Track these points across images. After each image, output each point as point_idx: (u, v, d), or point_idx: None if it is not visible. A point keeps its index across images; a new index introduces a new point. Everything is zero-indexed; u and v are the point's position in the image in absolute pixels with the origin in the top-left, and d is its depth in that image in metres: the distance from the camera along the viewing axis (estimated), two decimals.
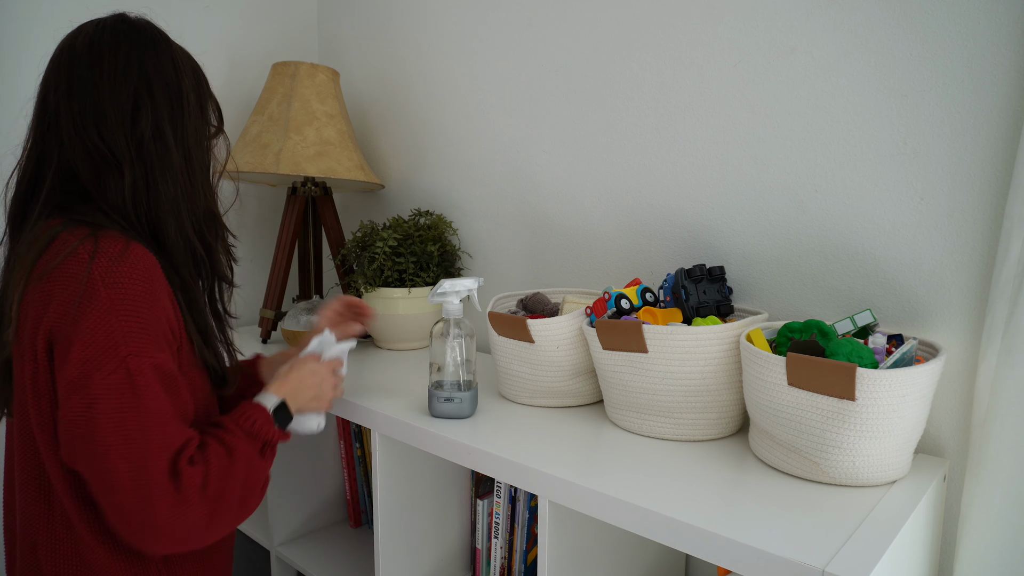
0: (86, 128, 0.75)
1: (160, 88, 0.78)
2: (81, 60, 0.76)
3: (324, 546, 1.36)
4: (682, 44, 1.10)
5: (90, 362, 0.68)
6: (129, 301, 0.71)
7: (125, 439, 0.69)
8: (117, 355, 0.69)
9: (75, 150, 0.76)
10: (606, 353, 0.94)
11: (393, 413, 1.01)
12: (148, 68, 0.78)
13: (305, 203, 1.55)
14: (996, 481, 0.80)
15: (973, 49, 0.84)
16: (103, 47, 0.77)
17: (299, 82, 1.45)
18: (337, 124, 1.48)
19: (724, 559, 0.66)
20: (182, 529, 0.71)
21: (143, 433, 0.69)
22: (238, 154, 1.43)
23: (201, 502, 0.72)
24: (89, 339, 0.69)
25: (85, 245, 0.72)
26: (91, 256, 0.71)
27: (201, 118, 0.84)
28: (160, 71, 0.79)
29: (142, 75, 0.77)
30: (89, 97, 0.76)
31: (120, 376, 0.69)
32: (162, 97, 0.79)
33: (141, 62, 0.78)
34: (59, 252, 0.72)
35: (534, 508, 1.11)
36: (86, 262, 0.70)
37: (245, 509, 0.78)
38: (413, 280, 1.35)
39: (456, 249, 1.47)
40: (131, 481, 0.68)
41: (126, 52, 0.77)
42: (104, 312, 0.69)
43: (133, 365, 0.70)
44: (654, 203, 1.17)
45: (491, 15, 1.38)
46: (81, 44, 0.77)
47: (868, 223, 0.94)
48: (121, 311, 0.70)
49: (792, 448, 0.79)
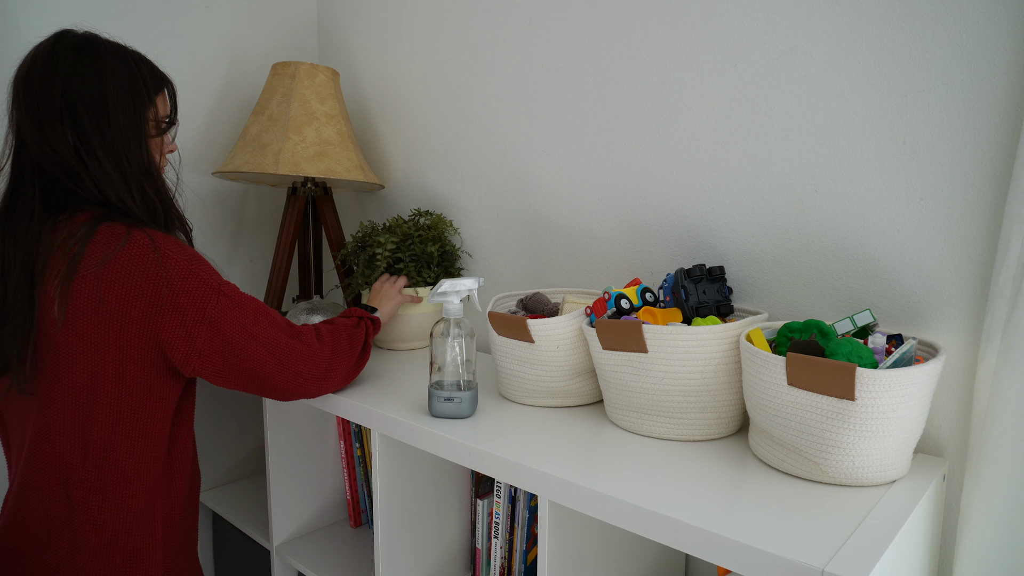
0: (38, 142, 0.88)
1: (83, 103, 0.89)
2: (23, 83, 0.89)
3: (324, 546, 1.36)
4: (682, 44, 1.10)
5: (199, 303, 0.90)
6: (194, 258, 0.92)
7: (249, 334, 0.94)
8: (212, 289, 0.91)
9: (44, 161, 0.89)
10: (606, 353, 0.94)
11: (393, 413, 1.01)
12: (72, 88, 0.89)
13: (305, 203, 1.55)
14: (996, 481, 0.80)
15: (973, 49, 0.84)
16: (35, 70, 0.89)
17: (299, 82, 1.45)
18: (337, 124, 1.48)
19: (724, 559, 0.66)
20: (318, 367, 1.01)
21: (258, 324, 0.95)
22: (238, 154, 1.43)
23: (322, 346, 1.02)
24: (187, 290, 0.89)
25: (136, 233, 0.89)
26: (151, 239, 0.89)
27: (133, 124, 0.93)
28: (84, 87, 0.89)
29: (66, 97, 0.88)
30: (31, 116, 0.88)
31: (224, 300, 0.92)
32: (84, 111, 0.89)
33: (66, 83, 0.88)
34: (111, 243, 0.88)
35: (534, 508, 1.11)
36: (150, 244, 0.89)
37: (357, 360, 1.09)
38: (415, 281, 1.35)
39: (456, 249, 1.47)
40: (269, 355, 0.96)
41: (52, 74, 0.88)
42: (186, 269, 0.90)
43: (227, 290, 0.93)
44: (654, 203, 1.17)
45: (491, 15, 1.38)
46: (23, 70, 0.90)
47: (868, 223, 0.94)
48: (195, 265, 0.91)
49: (792, 448, 0.79)
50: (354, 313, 1.14)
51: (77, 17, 1.40)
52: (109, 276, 0.87)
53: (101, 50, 0.91)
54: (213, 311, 0.91)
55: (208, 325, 0.91)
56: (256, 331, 0.94)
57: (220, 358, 0.93)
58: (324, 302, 1.39)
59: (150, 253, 0.88)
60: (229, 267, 1.71)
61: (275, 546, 1.36)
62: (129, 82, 0.92)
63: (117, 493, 0.92)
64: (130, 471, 0.93)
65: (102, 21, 1.43)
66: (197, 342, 0.91)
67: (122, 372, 0.90)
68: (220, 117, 1.64)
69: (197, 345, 0.91)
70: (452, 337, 0.99)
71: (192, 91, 1.58)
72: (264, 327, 0.96)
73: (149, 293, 0.88)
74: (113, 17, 1.45)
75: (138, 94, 0.93)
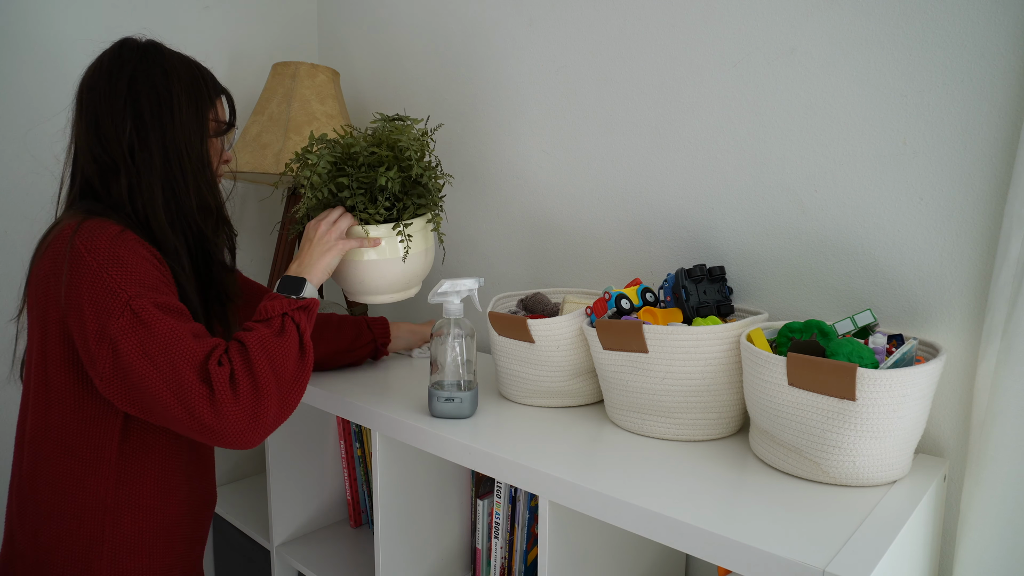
0: (90, 141, 0.88)
1: (147, 100, 0.88)
2: (86, 85, 0.90)
3: (324, 546, 1.36)
4: (682, 44, 1.10)
5: (101, 314, 0.78)
6: (113, 260, 0.80)
7: (153, 365, 0.78)
8: (119, 301, 0.78)
9: (86, 160, 0.89)
10: (606, 353, 0.94)
11: (393, 413, 1.01)
12: (137, 83, 0.88)
13: None
14: (996, 481, 0.80)
15: (973, 49, 0.84)
16: (101, 72, 0.89)
17: (299, 82, 1.45)
18: (337, 124, 1.48)
19: (724, 559, 0.66)
20: (232, 423, 0.79)
21: (166, 355, 0.78)
22: (238, 154, 1.43)
23: (235, 395, 0.79)
24: (92, 297, 0.79)
25: (70, 223, 0.83)
26: (73, 231, 0.81)
27: (196, 121, 0.92)
28: (149, 83, 0.89)
29: (131, 91, 0.88)
30: (91, 115, 0.88)
31: (128, 317, 0.78)
32: (148, 108, 0.88)
33: (131, 79, 0.88)
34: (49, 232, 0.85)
35: (534, 508, 1.11)
36: (69, 234, 0.81)
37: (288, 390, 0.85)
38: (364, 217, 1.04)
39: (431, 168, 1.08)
40: (174, 396, 0.77)
41: (117, 72, 0.89)
42: (95, 272, 0.79)
43: (136, 305, 0.79)
44: (654, 203, 1.17)
45: (491, 15, 1.38)
46: (88, 72, 0.91)
47: (868, 223, 0.94)
48: (109, 268, 0.80)
49: (792, 448, 0.79)
50: (273, 310, 0.88)
51: (74, 16, 1.40)
52: (35, 274, 0.85)
53: (166, 52, 0.92)
54: (114, 328, 0.77)
55: (108, 344, 0.77)
56: (161, 362, 0.77)
57: (120, 384, 0.78)
58: (324, 302, 1.39)
59: (62, 246, 0.80)
60: None
61: (275, 546, 1.36)
62: (192, 82, 0.92)
63: (50, 508, 0.86)
64: (63, 491, 0.86)
65: (100, 21, 1.43)
66: (98, 362, 0.78)
67: (46, 380, 0.84)
68: None
69: (98, 366, 0.79)
70: (452, 337, 0.99)
71: None
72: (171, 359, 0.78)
73: (60, 293, 0.80)
74: (113, 17, 1.45)
75: (200, 94, 0.93)
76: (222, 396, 0.78)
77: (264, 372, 0.81)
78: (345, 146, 1.06)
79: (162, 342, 0.78)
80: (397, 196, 1.05)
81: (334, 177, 1.04)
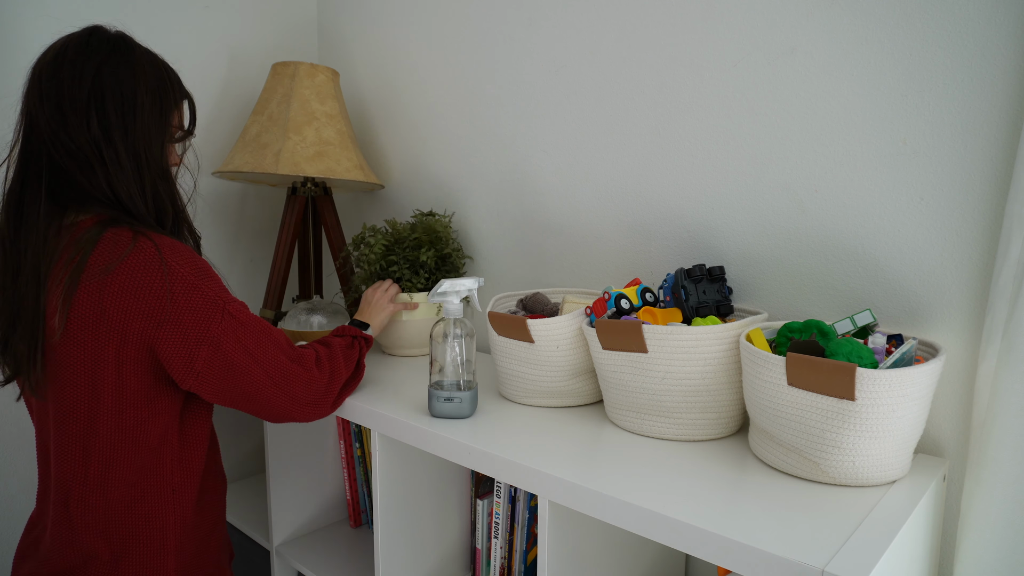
0: (55, 131, 0.86)
1: (112, 96, 0.88)
2: (48, 70, 0.87)
3: (324, 546, 1.36)
4: (682, 44, 1.10)
5: (202, 321, 0.87)
6: (201, 271, 0.89)
7: (251, 357, 0.91)
8: (218, 307, 0.89)
9: (57, 149, 0.86)
10: (606, 353, 0.94)
11: (393, 413, 1.01)
12: (104, 77, 0.87)
13: (305, 203, 1.55)
14: (996, 481, 0.80)
15: (973, 49, 0.84)
16: (65, 59, 0.87)
17: (299, 82, 1.45)
18: (336, 124, 1.48)
19: (724, 559, 0.66)
20: (315, 394, 0.98)
21: (261, 347, 0.92)
22: (237, 154, 1.43)
23: (320, 372, 0.99)
24: (191, 306, 0.87)
25: (143, 242, 0.86)
26: (157, 249, 0.86)
27: (158, 123, 0.92)
28: (116, 79, 0.88)
29: (96, 83, 0.87)
30: (53, 104, 0.86)
31: (228, 320, 0.89)
32: (112, 104, 0.88)
33: (97, 71, 0.87)
34: (115, 250, 0.85)
35: (534, 508, 1.11)
36: (156, 254, 0.86)
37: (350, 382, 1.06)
38: (408, 286, 1.32)
39: (458, 250, 1.43)
40: (269, 380, 0.92)
41: (83, 63, 0.87)
42: (191, 284, 0.87)
43: (232, 308, 0.90)
44: (654, 203, 1.17)
45: (491, 15, 1.38)
46: (50, 56, 0.88)
47: (868, 223, 0.94)
48: (202, 280, 0.88)
49: (792, 448, 0.79)
50: (347, 332, 1.10)
51: (74, 16, 1.40)
52: (112, 287, 0.84)
53: (135, 49, 0.92)
54: (217, 330, 0.88)
55: (210, 345, 0.88)
56: (259, 353, 0.91)
57: (219, 379, 0.90)
58: (324, 302, 1.39)
59: (155, 264, 0.85)
60: (229, 267, 1.71)
61: (275, 546, 1.36)
62: (158, 84, 0.92)
63: (122, 505, 0.91)
64: (135, 483, 0.91)
65: (100, 21, 1.43)
66: (196, 362, 0.88)
67: (121, 386, 0.88)
68: (220, 117, 1.64)
69: (196, 366, 0.88)
70: (452, 337, 0.99)
71: (192, 90, 1.58)
72: (267, 350, 0.93)
73: (152, 307, 0.85)
74: (112, 15, 1.45)
75: (166, 97, 0.93)
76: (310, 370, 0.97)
77: (339, 365, 1.02)
78: (394, 232, 1.38)
79: (256, 336, 0.92)
80: (432, 271, 1.36)
81: (385, 255, 1.34)
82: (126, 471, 0.91)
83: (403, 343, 1.38)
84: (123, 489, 0.91)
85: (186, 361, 0.88)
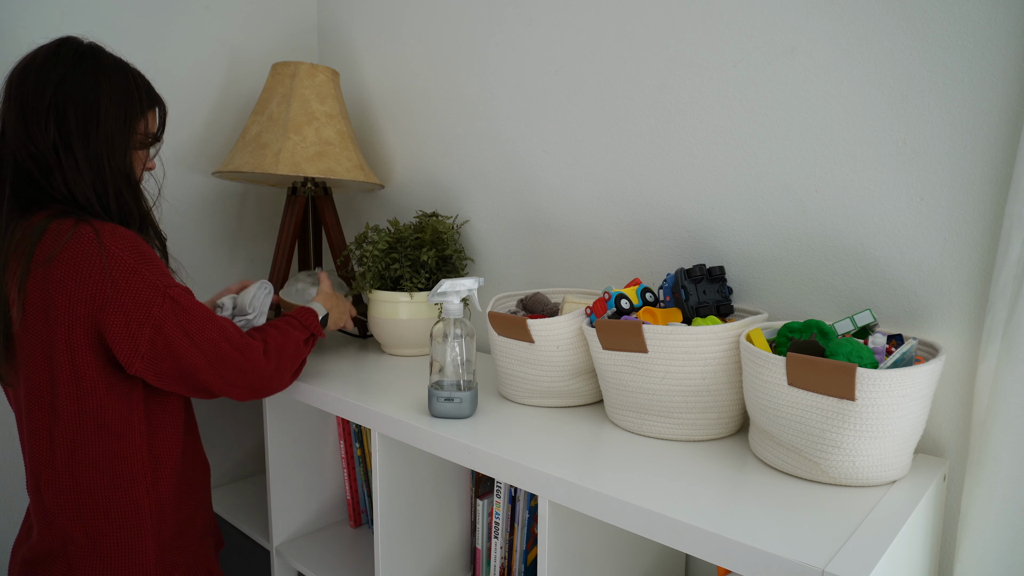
0: (19, 135, 0.90)
1: (73, 104, 0.91)
2: (16, 77, 0.92)
3: (324, 546, 1.36)
4: (682, 44, 1.10)
5: (143, 304, 0.90)
6: (141, 256, 0.91)
7: (192, 341, 0.93)
8: (158, 291, 0.91)
9: (20, 153, 0.91)
10: (606, 353, 0.94)
11: (393, 413, 1.01)
12: (67, 86, 0.91)
13: (305, 203, 1.55)
14: (996, 481, 0.80)
15: (973, 49, 0.84)
16: (31, 68, 0.91)
17: (299, 82, 1.45)
18: (337, 124, 1.48)
19: (724, 559, 0.66)
20: (260, 380, 1.01)
21: (202, 331, 0.94)
22: (237, 154, 1.43)
23: (267, 363, 1.02)
24: (131, 289, 0.89)
25: (83, 229, 0.89)
26: (96, 234, 0.89)
27: (122, 132, 0.96)
28: (78, 88, 0.92)
29: (57, 93, 0.91)
30: (18, 109, 0.90)
31: (169, 303, 0.92)
32: (73, 112, 0.91)
33: (61, 81, 0.91)
34: (58, 239, 0.88)
35: (534, 508, 1.11)
36: (95, 239, 0.88)
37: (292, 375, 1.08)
38: (410, 284, 1.32)
39: (459, 252, 1.43)
40: (210, 366, 0.95)
41: (48, 71, 0.91)
42: (131, 268, 0.90)
43: (173, 293, 0.92)
44: (654, 203, 1.17)
45: (491, 15, 1.38)
46: (19, 65, 0.93)
47: (868, 223, 0.94)
48: (142, 265, 0.91)
49: (792, 448, 0.79)
50: (309, 327, 1.12)
51: (74, 15, 1.40)
52: (55, 275, 0.88)
53: (102, 59, 0.95)
54: (157, 313, 0.91)
55: (151, 327, 0.91)
56: (199, 337, 0.94)
57: (161, 360, 0.92)
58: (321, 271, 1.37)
59: (94, 250, 0.88)
60: (229, 267, 1.71)
61: (275, 546, 1.36)
62: (124, 92, 0.96)
63: (95, 489, 0.94)
64: (104, 468, 0.94)
65: (99, 20, 1.43)
66: (140, 344, 0.91)
67: (76, 371, 0.91)
68: (219, 117, 1.64)
69: (140, 348, 0.91)
70: (452, 337, 0.99)
71: (191, 91, 1.58)
72: (208, 334, 0.95)
73: (94, 291, 0.88)
74: (111, 16, 1.45)
75: (131, 105, 0.96)
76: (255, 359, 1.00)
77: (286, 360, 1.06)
78: (396, 232, 1.37)
79: (199, 321, 0.94)
80: (433, 271, 1.36)
81: (387, 254, 1.34)
82: (92, 453, 0.93)
83: (403, 343, 1.38)
84: (92, 473, 0.93)
85: (130, 344, 0.90)
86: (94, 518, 0.94)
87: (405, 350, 1.40)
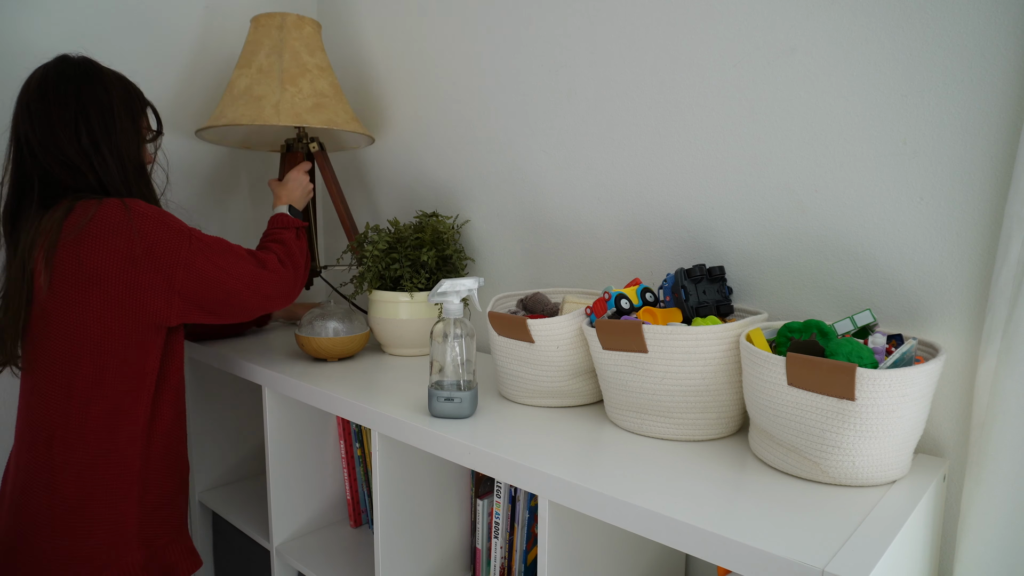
0: (47, 147, 1.02)
1: (94, 111, 1.05)
2: (34, 97, 1.03)
3: (324, 546, 1.36)
4: (682, 44, 1.10)
5: (172, 249, 1.04)
6: (163, 212, 1.06)
7: (221, 268, 1.09)
8: (184, 235, 1.05)
9: (50, 163, 1.03)
10: (606, 353, 0.94)
11: (393, 413, 1.01)
12: (84, 96, 1.05)
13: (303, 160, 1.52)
14: (996, 481, 0.80)
15: (973, 49, 0.84)
16: (48, 85, 1.04)
17: (287, 34, 1.42)
18: (328, 77, 1.46)
19: (724, 559, 0.66)
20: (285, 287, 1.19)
21: (226, 259, 1.10)
22: (228, 108, 1.39)
23: (284, 268, 1.20)
24: (160, 238, 1.03)
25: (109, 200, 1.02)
26: (122, 202, 1.02)
27: (133, 130, 1.10)
28: (93, 96, 1.06)
29: (79, 102, 1.04)
30: (44, 121, 1.02)
31: (195, 243, 1.06)
32: (96, 118, 1.05)
33: (78, 92, 1.04)
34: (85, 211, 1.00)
35: (534, 508, 1.11)
36: (120, 205, 1.02)
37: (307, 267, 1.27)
38: (410, 284, 1.33)
39: (459, 252, 1.42)
40: (244, 286, 1.12)
41: (64, 85, 1.04)
42: (156, 220, 1.03)
43: (196, 234, 1.07)
44: (654, 203, 1.17)
45: (491, 15, 1.38)
46: (33, 84, 1.04)
47: (868, 223, 0.94)
48: (164, 216, 1.05)
49: (792, 448, 0.79)
50: (290, 224, 1.29)
51: None
52: (86, 239, 0.99)
53: (102, 70, 1.09)
54: (187, 254, 1.04)
55: (184, 267, 1.04)
56: (229, 266, 1.09)
57: (198, 292, 1.06)
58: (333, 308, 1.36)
59: (121, 212, 1.01)
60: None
61: (275, 546, 1.36)
62: (126, 96, 1.10)
63: (98, 445, 1.03)
64: (111, 421, 1.04)
65: None
66: (175, 282, 1.04)
67: (105, 328, 1.01)
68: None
69: (176, 286, 1.04)
70: (452, 337, 0.99)
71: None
72: (235, 262, 1.11)
73: (124, 248, 1.00)
74: None
75: (134, 106, 1.11)
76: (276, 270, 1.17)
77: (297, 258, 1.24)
78: (396, 232, 1.39)
79: (222, 251, 1.09)
80: (433, 270, 1.37)
81: (387, 254, 1.36)
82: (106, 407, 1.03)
83: (403, 343, 1.38)
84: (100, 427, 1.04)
85: (167, 284, 1.03)
86: (91, 480, 1.03)
87: (405, 350, 1.40)
